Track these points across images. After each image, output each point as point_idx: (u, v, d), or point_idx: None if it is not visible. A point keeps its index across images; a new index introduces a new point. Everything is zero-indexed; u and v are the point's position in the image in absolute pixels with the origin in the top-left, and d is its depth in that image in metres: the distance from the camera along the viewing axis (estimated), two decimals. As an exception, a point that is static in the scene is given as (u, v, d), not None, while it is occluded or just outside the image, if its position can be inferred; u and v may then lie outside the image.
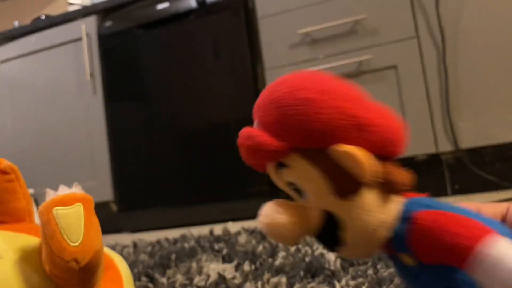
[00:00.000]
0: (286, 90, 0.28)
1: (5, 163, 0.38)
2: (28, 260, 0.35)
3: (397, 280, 0.51)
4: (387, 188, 0.27)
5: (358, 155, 0.26)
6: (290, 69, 1.46)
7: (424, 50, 1.33)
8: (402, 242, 0.27)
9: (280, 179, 0.30)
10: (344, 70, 1.40)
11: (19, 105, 1.89)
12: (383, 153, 0.28)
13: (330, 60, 1.41)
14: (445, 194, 1.31)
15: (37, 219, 0.40)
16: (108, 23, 1.72)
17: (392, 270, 0.55)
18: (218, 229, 1.22)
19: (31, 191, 1.73)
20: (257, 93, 1.50)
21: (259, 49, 1.53)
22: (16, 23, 2.05)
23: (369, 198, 0.27)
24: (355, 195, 0.27)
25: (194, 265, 0.75)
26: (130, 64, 1.68)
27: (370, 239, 0.28)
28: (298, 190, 0.29)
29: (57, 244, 0.31)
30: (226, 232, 1.07)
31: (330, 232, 0.29)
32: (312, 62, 1.44)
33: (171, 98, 1.61)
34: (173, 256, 0.86)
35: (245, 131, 0.29)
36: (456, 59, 1.31)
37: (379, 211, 0.27)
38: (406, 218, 0.27)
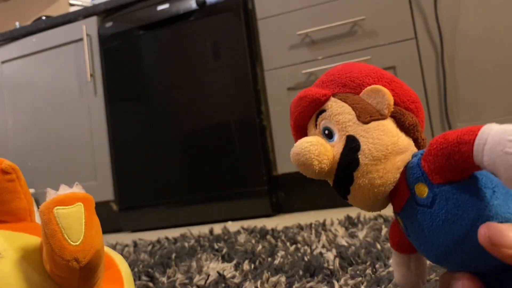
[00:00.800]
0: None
1: (6, 162, 0.38)
2: (29, 259, 0.35)
3: (395, 280, 0.51)
4: (400, 125, 0.32)
5: (385, 90, 0.32)
6: (289, 70, 1.47)
7: (422, 52, 1.33)
8: (415, 169, 0.30)
9: (317, 129, 0.35)
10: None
11: (20, 105, 1.89)
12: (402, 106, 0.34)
13: (329, 61, 1.42)
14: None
15: (37, 219, 0.41)
16: (109, 24, 1.73)
17: (390, 269, 0.56)
18: (218, 228, 1.23)
19: (31, 190, 1.74)
20: (256, 93, 1.50)
21: (259, 50, 1.53)
22: (17, 24, 2.06)
23: (386, 124, 0.32)
24: (374, 122, 0.32)
25: (194, 264, 0.76)
26: (130, 64, 1.68)
27: (384, 160, 0.31)
28: (329, 134, 0.34)
29: (58, 243, 0.31)
30: (225, 231, 1.07)
31: (345, 172, 0.32)
32: (311, 63, 1.44)
33: (171, 99, 1.61)
34: (173, 256, 0.86)
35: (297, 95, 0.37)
36: (454, 60, 1.31)
37: (393, 135, 0.31)
38: (421, 152, 0.30)
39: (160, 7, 1.63)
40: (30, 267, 0.34)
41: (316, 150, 0.32)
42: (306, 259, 0.68)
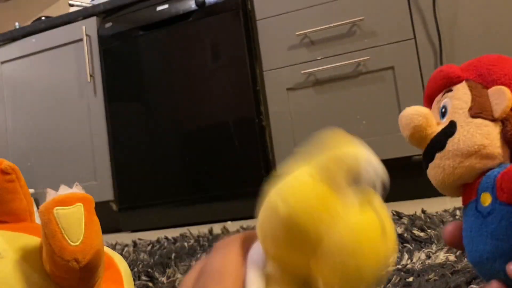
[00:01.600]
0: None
1: (6, 163, 0.38)
2: (29, 259, 0.35)
3: (395, 279, 0.51)
4: (505, 133, 0.32)
5: (508, 94, 0.32)
6: (289, 70, 1.47)
7: (421, 52, 1.34)
8: (490, 179, 0.30)
9: (438, 104, 0.37)
10: (342, 71, 1.41)
11: (20, 105, 1.89)
12: None
13: (328, 62, 1.42)
14: (441, 194, 1.31)
15: (37, 219, 0.41)
16: (108, 25, 1.73)
17: (389, 269, 0.56)
18: (217, 228, 1.23)
19: (31, 191, 1.73)
20: (255, 94, 1.50)
21: (258, 51, 1.53)
22: (17, 24, 2.06)
23: (488, 125, 0.32)
24: (480, 119, 0.32)
25: (193, 264, 0.76)
26: (130, 65, 1.68)
27: (466, 155, 0.31)
28: (444, 113, 0.35)
29: (58, 243, 0.32)
30: (225, 231, 1.08)
31: (431, 148, 0.34)
32: (310, 64, 1.44)
33: (170, 99, 1.61)
34: (173, 255, 0.86)
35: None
36: (452, 60, 1.31)
37: (488, 138, 0.32)
38: (505, 166, 0.31)
39: (159, 8, 1.63)
40: (30, 267, 0.34)
41: (425, 116, 0.34)
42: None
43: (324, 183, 0.23)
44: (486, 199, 0.30)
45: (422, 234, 0.72)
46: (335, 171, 0.23)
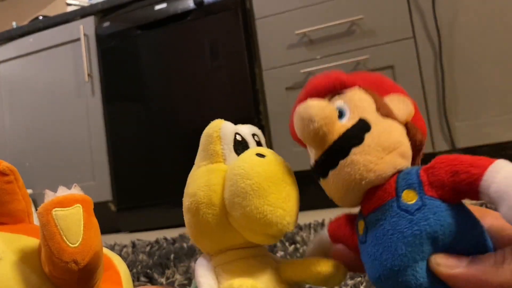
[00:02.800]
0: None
1: (4, 164, 0.38)
2: (28, 261, 0.35)
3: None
4: (411, 137, 0.32)
5: (410, 102, 0.33)
6: (288, 69, 1.47)
7: (421, 51, 1.34)
8: (412, 176, 0.29)
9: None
10: (341, 70, 1.41)
11: (17, 106, 1.89)
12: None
13: (328, 61, 1.42)
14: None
15: (36, 220, 0.41)
16: (106, 24, 1.72)
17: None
18: (216, 229, 1.22)
19: (29, 191, 1.73)
20: (254, 93, 1.50)
21: (257, 50, 1.53)
22: (14, 24, 2.06)
23: (400, 127, 0.32)
24: (391, 120, 0.32)
25: (192, 265, 0.76)
26: (128, 64, 1.68)
27: (387, 152, 0.30)
28: (339, 114, 0.33)
29: (57, 245, 0.31)
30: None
31: (344, 144, 0.31)
32: (309, 63, 1.44)
33: (169, 99, 1.61)
34: (172, 256, 0.86)
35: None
36: (452, 59, 1.31)
37: (403, 138, 0.31)
38: (418, 168, 0.30)
39: (157, 7, 1.63)
40: (29, 269, 0.34)
41: (329, 112, 0.31)
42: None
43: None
44: (411, 197, 0.28)
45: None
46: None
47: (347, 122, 0.32)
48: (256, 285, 0.28)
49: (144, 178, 1.63)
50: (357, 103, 0.32)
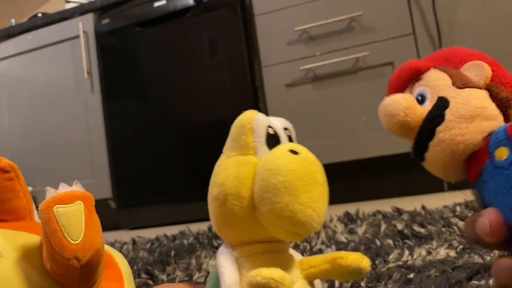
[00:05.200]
0: None
1: (5, 161, 0.38)
2: (29, 258, 0.35)
3: (395, 276, 0.51)
4: (494, 98, 0.33)
5: (484, 64, 0.34)
6: (287, 66, 1.46)
7: (421, 47, 1.33)
8: (500, 134, 0.30)
9: (410, 94, 0.36)
10: (341, 67, 1.41)
11: (16, 103, 1.88)
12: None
13: (327, 57, 1.42)
14: (441, 189, 1.32)
15: (37, 217, 0.41)
16: (106, 21, 1.72)
17: (390, 265, 0.56)
18: (216, 226, 1.23)
19: (29, 189, 1.73)
20: (254, 90, 1.50)
21: (256, 46, 1.53)
22: (13, 21, 2.05)
23: (479, 92, 0.33)
24: (468, 89, 0.33)
25: (193, 261, 0.76)
26: (127, 61, 1.67)
27: (470, 119, 0.31)
28: (422, 99, 0.35)
29: (58, 242, 0.31)
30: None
31: (429, 125, 0.33)
32: (309, 59, 1.44)
33: (168, 95, 1.61)
34: (172, 253, 0.86)
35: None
36: (452, 55, 1.31)
37: (484, 102, 0.32)
38: (510, 124, 0.31)
39: (157, 4, 1.62)
40: (30, 266, 0.34)
41: (406, 102, 0.34)
42: (305, 255, 0.68)
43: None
44: (502, 153, 0.29)
45: (422, 230, 0.72)
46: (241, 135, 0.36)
47: (429, 105, 0.34)
48: (285, 275, 0.28)
49: (144, 175, 1.63)
50: (434, 83, 0.34)
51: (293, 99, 1.46)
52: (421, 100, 0.35)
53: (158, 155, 1.61)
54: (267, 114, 1.53)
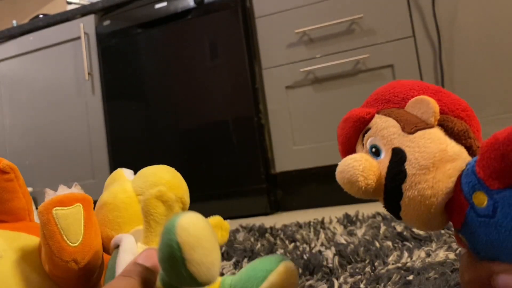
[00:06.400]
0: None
1: (5, 162, 0.38)
2: (28, 259, 0.35)
3: (395, 278, 0.51)
4: (450, 132, 0.31)
5: (429, 99, 0.31)
6: (287, 68, 1.47)
7: (420, 50, 1.34)
8: (471, 176, 0.27)
9: (364, 148, 0.34)
10: (341, 69, 1.41)
11: (17, 104, 1.89)
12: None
13: (327, 59, 1.42)
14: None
15: (36, 218, 0.41)
16: (107, 22, 1.72)
17: (389, 267, 0.56)
18: (216, 227, 1.23)
19: (29, 190, 1.73)
20: (254, 92, 1.50)
21: (257, 48, 1.53)
22: (15, 22, 2.05)
23: (433, 132, 0.30)
24: (420, 131, 0.31)
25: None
26: (128, 63, 1.68)
27: (433, 168, 0.28)
28: (376, 152, 0.33)
29: (57, 244, 0.31)
30: (224, 230, 1.07)
31: (393, 185, 0.30)
32: (309, 61, 1.44)
33: (169, 97, 1.61)
34: (172, 255, 0.86)
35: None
36: (451, 58, 1.31)
37: (441, 142, 0.30)
38: (475, 158, 0.28)
39: (158, 5, 1.63)
40: (29, 267, 0.34)
41: (360, 165, 0.31)
42: (305, 257, 0.68)
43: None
44: (481, 199, 0.27)
45: (421, 232, 0.72)
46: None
47: (384, 158, 0.31)
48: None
49: (144, 177, 1.63)
50: (383, 132, 0.32)
51: (293, 101, 1.47)
52: (375, 152, 0.32)
53: (159, 156, 1.61)
54: (267, 116, 1.54)
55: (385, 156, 0.31)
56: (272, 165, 1.50)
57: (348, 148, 0.36)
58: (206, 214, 0.39)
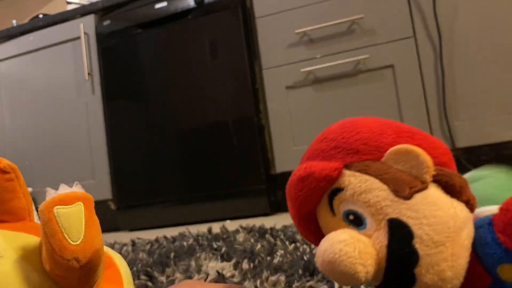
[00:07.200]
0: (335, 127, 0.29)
1: (5, 162, 0.38)
2: (29, 259, 0.35)
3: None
4: (448, 189, 0.25)
5: (417, 150, 0.25)
6: (288, 68, 1.47)
7: (421, 50, 1.34)
8: (493, 246, 0.23)
9: (336, 215, 0.27)
10: (341, 69, 1.41)
11: (17, 104, 1.88)
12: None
13: (328, 60, 1.42)
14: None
15: (36, 218, 0.41)
16: (107, 22, 1.72)
17: None
18: (216, 227, 1.23)
19: (29, 190, 1.73)
20: (254, 92, 1.50)
21: (257, 49, 1.53)
22: (15, 22, 2.05)
23: (433, 194, 0.24)
24: (418, 194, 0.24)
25: (193, 263, 0.76)
26: (128, 63, 1.68)
27: (450, 243, 0.23)
28: (356, 220, 0.26)
29: (58, 243, 0.31)
30: (224, 230, 1.07)
31: (402, 270, 0.24)
32: (309, 62, 1.44)
33: (169, 97, 1.61)
34: (172, 255, 0.86)
35: (292, 174, 0.29)
36: (452, 58, 1.31)
37: (448, 207, 0.24)
38: (487, 221, 0.24)
39: (158, 5, 1.63)
40: (30, 266, 0.34)
41: (355, 250, 0.24)
42: (305, 258, 0.68)
43: None
44: (506, 271, 0.23)
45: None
46: None
47: (376, 232, 0.25)
48: None
49: (144, 177, 1.63)
50: (367, 197, 0.25)
51: (293, 102, 1.47)
52: (355, 220, 0.26)
53: (158, 156, 1.61)
54: (267, 116, 1.54)
55: (377, 230, 0.25)
56: (272, 165, 1.50)
57: (306, 214, 0.29)
58: (206, 215, 0.39)
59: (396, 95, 1.35)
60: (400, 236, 0.24)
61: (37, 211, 0.35)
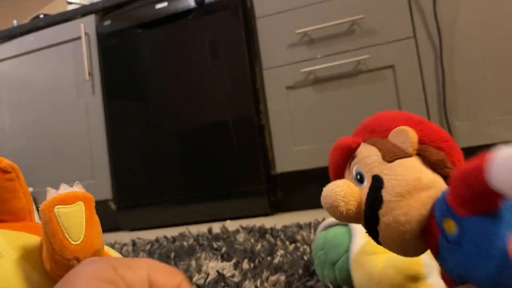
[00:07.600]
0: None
1: (6, 162, 0.38)
2: (29, 258, 0.35)
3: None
4: (427, 161, 0.32)
5: (408, 129, 0.33)
6: (288, 68, 1.47)
7: (421, 50, 1.34)
8: (441, 204, 0.28)
9: (351, 174, 0.36)
10: (341, 69, 1.41)
11: (17, 104, 1.89)
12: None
13: (328, 60, 1.42)
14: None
15: (37, 218, 0.41)
16: (107, 22, 1.72)
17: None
18: (216, 227, 1.23)
19: (30, 189, 1.73)
20: (254, 92, 1.50)
21: (257, 49, 1.53)
22: (15, 22, 2.05)
23: (409, 161, 0.32)
24: (398, 160, 0.32)
25: (193, 263, 0.76)
26: (129, 63, 1.68)
27: (408, 195, 0.30)
28: (361, 178, 0.34)
29: (59, 242, 0.31)
30: (224, 230, 1.07)
31: (370, 211, 0.32)
32: (310, 62, 1.44)
33: (169, 97, 1.61)
34: (172, 255, 0.86)
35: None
36: (453, 59, 1.31)
37: (416, 171, 0.31)
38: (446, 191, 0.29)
39: (158, 6, 1.63)
40: (30, 266, 0.34)
41: (342, 191, 0.32)
42: (305, 258, 0.68)
43: None
44: (450, 226, 0.28)
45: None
46: None
47: (366, 186, 0.33)
48: None
49: (144, 177, 1.63)
50: (366, 160, 0.33)
51: (293, 102, 1.47)
52: (360, 179, 0.34)
53: (159, 156, 1.61)
54: (267, 116, 1.54)
55: (367, 183, 0.33)
56: (272, 165, 1.50)
57: (338, 175, 0.38)
58: (206, 215, 0.39)
59: (396, 95, 1.35)
60: (375, 186, 0.31)
61: (37, 210, 0.35)
